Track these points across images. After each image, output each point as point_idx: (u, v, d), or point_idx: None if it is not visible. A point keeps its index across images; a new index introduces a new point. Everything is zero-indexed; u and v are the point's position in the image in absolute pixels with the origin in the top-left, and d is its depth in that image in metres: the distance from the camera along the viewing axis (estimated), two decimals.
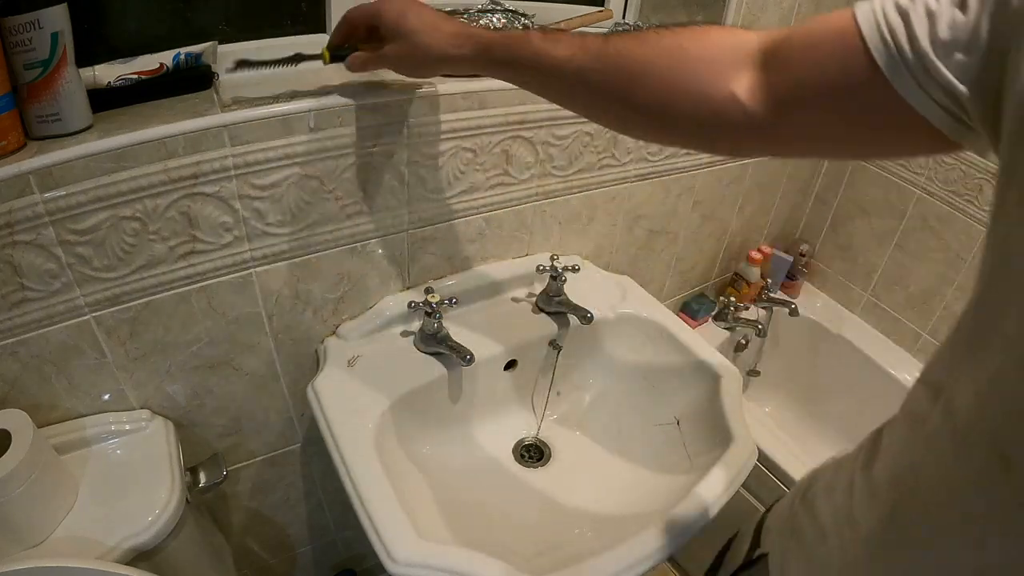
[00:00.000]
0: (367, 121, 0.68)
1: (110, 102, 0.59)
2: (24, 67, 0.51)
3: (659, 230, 1.14)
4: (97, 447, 0.67)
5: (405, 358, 0.79)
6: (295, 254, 0.72)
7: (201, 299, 0.68)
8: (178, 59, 0.62)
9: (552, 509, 0.79)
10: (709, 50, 0.41)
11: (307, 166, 0.66)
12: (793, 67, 0.38)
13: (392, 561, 0.56)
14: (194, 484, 0.73)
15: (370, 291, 0.82)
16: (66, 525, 0.60)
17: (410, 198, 0.76)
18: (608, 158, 0.94)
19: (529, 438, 0.88)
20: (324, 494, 1.01)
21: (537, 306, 0.91)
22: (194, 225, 0.63)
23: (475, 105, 0.74)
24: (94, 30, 0.59)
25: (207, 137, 0.59)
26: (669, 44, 0.42)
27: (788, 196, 1.39)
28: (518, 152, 0.82)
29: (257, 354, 0.77)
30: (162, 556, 0.64)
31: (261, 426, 0.84)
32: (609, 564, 0.59)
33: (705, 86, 0.40)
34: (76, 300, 0.60)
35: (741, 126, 0.40)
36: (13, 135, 0.53)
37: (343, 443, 0.66)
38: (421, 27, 0.55)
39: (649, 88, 0.43)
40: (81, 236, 0.57)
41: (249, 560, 1.00)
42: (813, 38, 0.37)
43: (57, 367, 0.63)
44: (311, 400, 0.73)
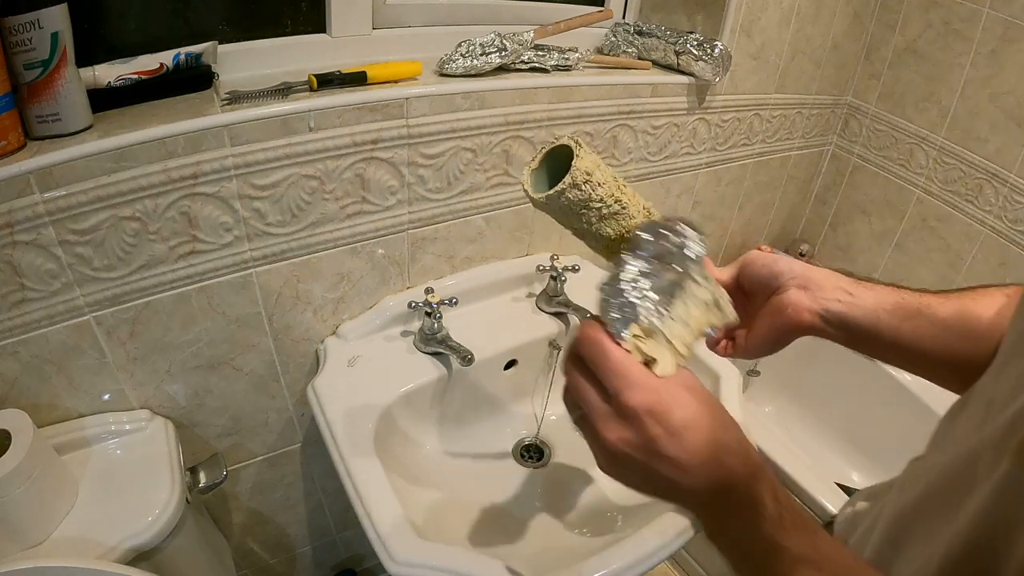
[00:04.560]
0: (367, 121, 0.68)
1: (110, 102, 0.59)
2: (24, 67, 0.51)
3: None
4: (97, 447, 0.67)
5: (405, 358, 0.79)
6: (295, 254, 0.72)
7: (201, 299, 0.68)
8: (178, 59, 0.62)
9: (552, 509, 0.78)
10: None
11: (307, 166, 0.66)
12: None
13: (392, 561, 0.56)
14: (194, 484, 0.73)
15: (370, 291, 0.82)
16: (66, 525, 0.60)
17: (410, 198, 0.76)
18: (608, 158, 0.94)
19: (529, 438, 0.88)
20: (324, 494, 1.01)
21: (537, 306, 0.91)
22: (194, 225, 0.63)
23: (475, 105, 0.74)
24: (94, 30, 0.59)
25: (207, 137, 0.59)
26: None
27: (788, 196, 1.39)
28: (518, 152, 0.82)
29: (257, 354, 0.77)
30: (162, 556, 0.64)
31: (261, 426, 0.84)
32: (609, 564, 0.59)
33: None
34: (76, 300, 0.60)
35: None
36: (13, 135, 0.53)
37: (343, 443, 0.66)
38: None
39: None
40: (81, 236, 0.57)
41: (249, 560, 1.00)
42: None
43: (57, 367, 0.63)
44: (311, 400, 0.73)
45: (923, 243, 1.27)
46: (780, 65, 1.11)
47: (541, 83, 0.79)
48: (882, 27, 1.23)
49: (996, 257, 1.15)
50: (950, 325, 0.46)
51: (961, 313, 0.47)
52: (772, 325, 0.50)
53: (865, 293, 0.48)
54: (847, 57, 1.25)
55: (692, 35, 0.92)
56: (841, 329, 0.48)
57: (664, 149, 1.01)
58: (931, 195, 1.23)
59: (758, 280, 0.51)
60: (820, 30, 1.13)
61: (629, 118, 0.92)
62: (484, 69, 0.76)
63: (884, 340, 0.47)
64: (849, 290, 0.48)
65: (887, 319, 0.47)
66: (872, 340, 0.48)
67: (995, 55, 1.07)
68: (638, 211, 0.48)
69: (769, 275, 0.50)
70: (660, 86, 0.93)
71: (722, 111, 1.06)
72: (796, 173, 1.36)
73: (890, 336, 0.47)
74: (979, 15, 1.07)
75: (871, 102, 1.29)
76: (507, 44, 0.76)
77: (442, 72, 0.75)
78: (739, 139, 1.14)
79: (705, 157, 1.10)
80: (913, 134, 1.23)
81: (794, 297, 0.48)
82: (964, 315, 0.47)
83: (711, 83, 0.96)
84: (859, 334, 0.48)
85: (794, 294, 0.48)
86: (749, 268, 0.51)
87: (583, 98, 0.84)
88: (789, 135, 1.26)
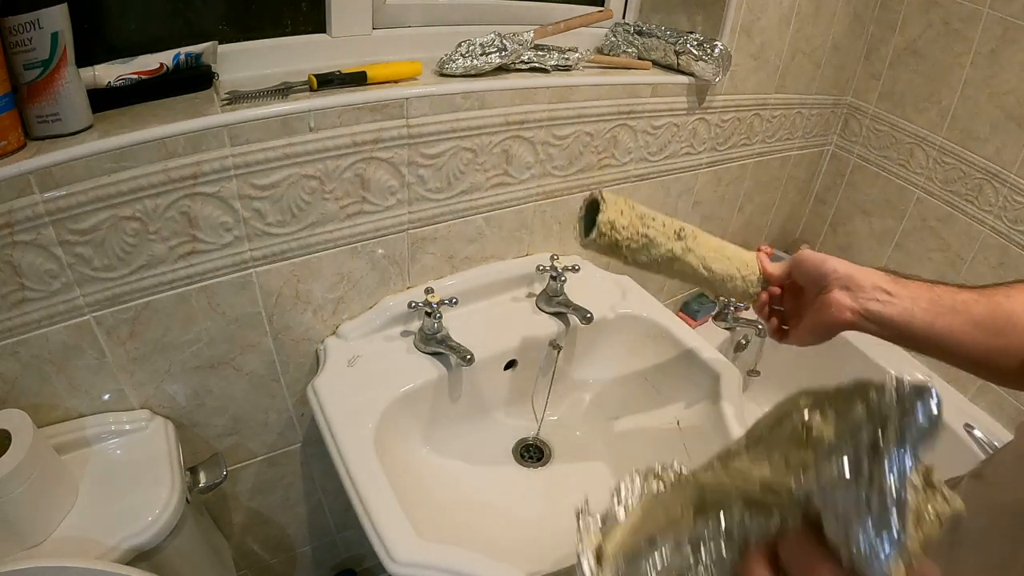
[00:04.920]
0: (367, 121, 0.68)
1: (110, 102, 0.59)
2: (24, 67, 0.51)
3: None
4: (97, 447, 0.67)
5: (405, 358, 0.79)
6: (295, 254, 0.72)
7: (201, 299, 0.68)
8: (178, 59, 0.62)
9: (552, 509, 0.78)
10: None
11: (307, 166, 0.66)
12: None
13: (392, 561, 0.56)
14: (194, 484, 0.73)
15: (370, 291, 0.82)
16: (66, 525, 0.60)
17: (410, 198, 0.76)
18: (608, 158, 0.94)
19: (529, 438, 0.88)
20: (324, 494, 1.01)
21: (537, 306, 0.91)
22: (194, 225, 0.63)
23: (475, 105, 0.74)
24: (94, 30, 0.59)
25: (207, 137, 0.59)
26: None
27: (788, 196, 1.39)
28: (518, 152, 0.82)
29: (257, 354, 0.77)
30: (162, 556, 0.64)
31: (261, 426, 0.84)
32: None
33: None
34: (76, 300, 0.60)
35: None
36: (13, 135, 0.53)
37: (343, 443, 0.66)
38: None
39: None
40: (81, 236, 0.57)
41: (249, 560, 1.00)
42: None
43: (57, 367, 0.63)
44: (311, 400, 0.73)
45: (923, 243, 1.27)
46: (780, 65, 1.11)
47: (541, 83, 0.79)
48: (882, 27, 1.23)
49: (996, 257, 1.15)
50: (982, 322, 0.49)
51: (994, 311, 0.50)
52: (819, 320, 0.55)
53: (902, 292, 0.52)
54: (847, 57, 1.25)
55: (692, 35, 0.92)
56: (878, 325, 0.52)
57: (664, 149, 1.01)
58: (931, 195, 1.23)
59: (808, 278, 0.57)
60: (820, 30, 1.13)
61: (629, 118, 0.92)
62: (484, 69, 0.76)
63: (917, 336, 0.51)
64: (888, 289, 0.52)
65: (921, 316, 0.51)
66: (906, 336, 0.52)
67: (995, 55, 1.07)
68: (667, 237, 0.59)
69: (818, 275, 0.56)
70: (660, 86, 0.93)
71: (722, 111, 1.06)
72: (796, 173, 1.36)
73: (923, 332, 0.51)
74: (979, 15, 1.07)
75: (871, 102, 1.29)
76: (507, 44, 0.76)
77: (442, 72, 0.75)
78: (739, 139, 1.14)
79: (705, 157, 1.10)
80: (913, 134, 1.23)
81: (837, 297, 0.53)
82: (997, 313, 0.49)
83: (711, 83, 0.96)
84: (894, 330, 0.52)
85: (838, 294, 0.54)
86: (801, 267, 0.58)
87: (583, 98, 0.84)
88: (789, 135, 1.26)
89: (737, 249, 0.65)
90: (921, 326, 0.51)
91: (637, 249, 0.61)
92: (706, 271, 0.63)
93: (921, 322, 0.51)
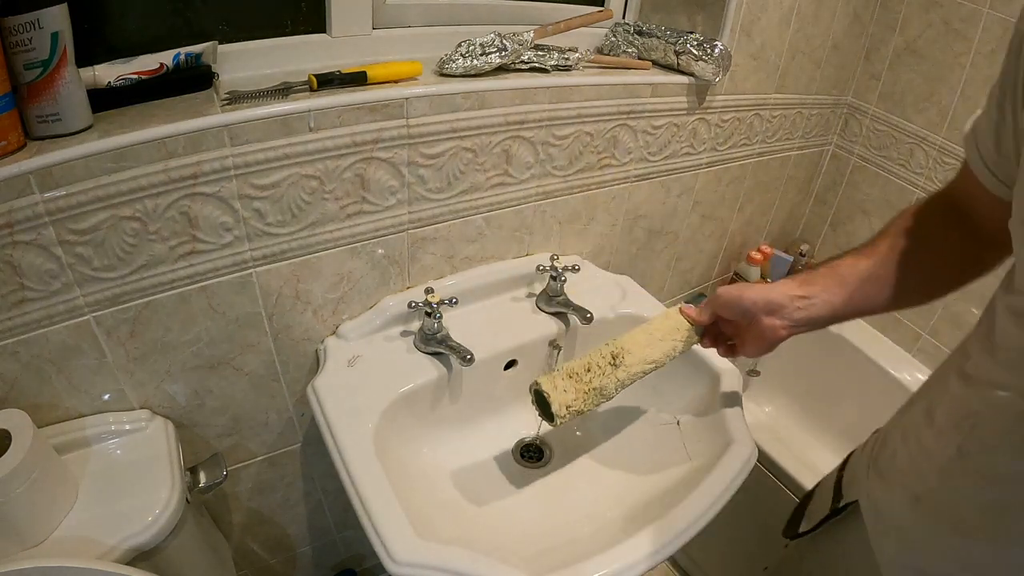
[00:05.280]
0: (367, 121, 0.68)
1: (110, 102, 0.59)
2: (24, 67, 0.51)
3: (659, 230, 1.14)
4: (97, 447, 0.67)
5: (405, 358, 0.79)
6: (295, 254, 0.72)
7: (201, 299, 0.68)
8: (178, 59, 0.62)
9: (552, 509, 0.78)
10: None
11: (307, 166, 0.66)
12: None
13: (392, 561, 0.56)
14: (194, 484, 0.73)
15: (370, 291, 0.82)
16: (66, 525, 0.60)
17: (410, 198, 0.76)
18: (608, 158, 0.94)
19: (529, 438, 0.88)
20: (324, 494, 1.01)
21: (537, 306, 0.91)
22: (194, 225, 0.63)
23: (475, 105, 0.74)
24: (94, 30, 0.59)
25: (207, 137, 0.59)
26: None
27: (788, 196, 1.39)
28: (518, 152, 0.82)
29: (257, 354, 0.77)
30: (162, 556, 0.64)
31: (261, 426, 0.84)
32: (609, 564, 0.59)
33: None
34: (76, 300, 0.60)
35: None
36: (13, 135, 0.53)
37: (343, 443, 0.66)
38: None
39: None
40: (81, 236, 0.57)
41: (249, 560, 1.00)
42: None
43: (57, 367, 0.63)
44: (311, 400, 0.73)
45: None
46: (780, 65, 1.11)
47: (541, 83, 0.79)
48: (882, 27, 1.23)
49: None
50: (883, 275, 0.58)
51: (887, 260, 0.58)
52: (760, 343, 0.63)
53: (815, 291, 0.60)
54: (847, 57, 1.25)
55: (692, 35, 0.92)
56: (809, 326, 0.61)
57: (664, 149, 1.01)
58: None
59: (734, 315, 0.64)
60: (820, 30, 1.13)
61: (629, 118, 0.92)
62: (484, 69, 0.76)
63: (841, 316, 0.60)
64: (803, 295, 0.60)
65: (840, 301, 0.59)
66: (837, 319, 0.61)
67: (995, 55, 1.07)
68: (609, 375, 0.66)
69: (740, 312, 0.63)
70: (660, 86, 0.93)
71: (722, 111, 1.06)
72: (796, 173, 1.36)
73: (848, 311, 0.60)
74: (979, 15, 1.07)
75: (871, 102, 1.30)
76: (507, 44, 0.76)
77: (442, 72, 0.75)
78: (739, 139, 1.14)
79: (705, 157, 1.10)
80: (913, 134, 1.23)
81: (767, 323, 0.61)
82: (891, 261, 0.57)
83: (711, 83, 0.96)
84: (824, 323, 0.61)
85: (766, 320, 0.61)
86: (725, 308, 0.65)
87: (583, 98, 0.84)
88: (789, 135, 1.26)
89: (661, 323, 0.70)
90: (844, 307, 0.59)
91: (598, 402, 0.67)
92: (652, 364, 0.68)
93: (842, 304, 0.59)
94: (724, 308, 0.65)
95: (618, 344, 0.68)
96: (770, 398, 1.52)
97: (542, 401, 0.67)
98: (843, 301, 0.59)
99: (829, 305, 0.59)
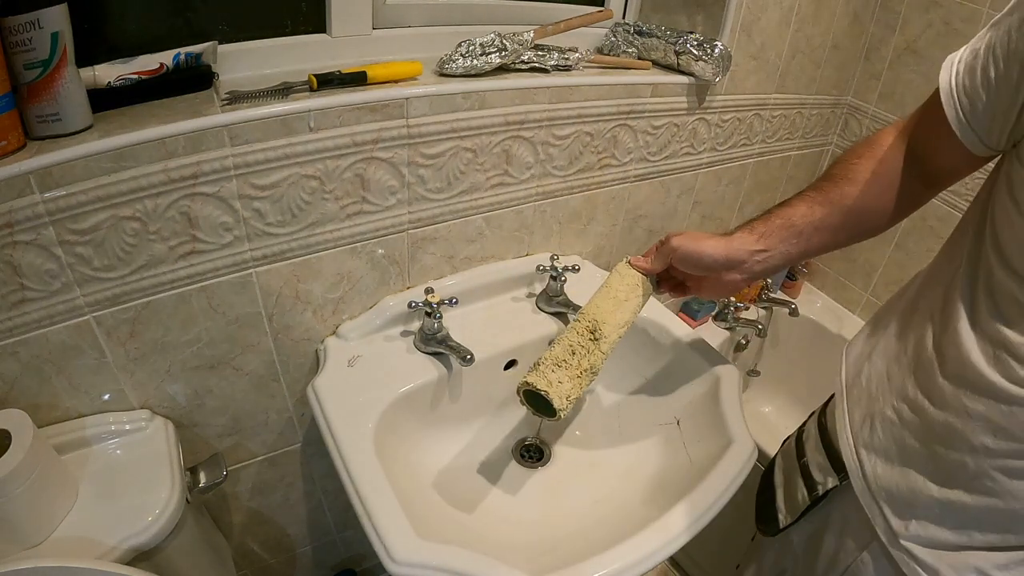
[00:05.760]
0: (367, 121, 0.68)
1: (110, 102, 0.59)
2: (24, 67, 0.51)
3: (659, 230, 1.14)
4: (97, 447, 0.67)
5: (405, 358, 0.79)
6: (295, 254, 0.72)
7: (201, 299, 0.68)
8: (178, 59, 0.62)
9: (552, 509, 0.78)
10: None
11: (307, 166, 0.66)
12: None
13: (392, 561, 0.56)
14: (194, 484, 0.73)
15: (370, 291, 0.82)
16: (66, 525, 0.60)
17: (410, 198, 0.76)
18: (608, 158, 0.94)
19: (529, 438, 0.88)
20: (324, 494, 1.01)
21: (537, 306, 0.91)
22: (194, 225, 0.63)
23: (475, 105, 0.74)
24: (94, 30, 0.59)
25: (207, 137, 0.59)
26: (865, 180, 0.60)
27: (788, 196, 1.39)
28: (518, 152, 0.82)
29: (257, 354, 0.77)
30: (162, 556, 0.64)
31: (261, 426, 0.84)
32: (609, 564, 0.59)
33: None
34: (76, 300, 0.60)
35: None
36: (13, 135, 0.53)
37: (343, 443, 0.66)
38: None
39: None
40: (81, 236, 0.57)
41: (249, 560, 1.00)
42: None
43: (57, 367, 0.63)
44: (311, 400, 0.73)
45: (923, 243, 1.27)
46: (780, 65, 1.11)
47: (541, 83, 0.79)
48: (882, 27, 1.23)
49: None
50: (839, 227, 0.61)
51: (845, 210, 0.60)
52: (717, 291, 0.67)
53: (772, 242, 0.62)
54: (847, 57, 1.25)
55: (692, 35, 0.92)
56: (766, 276, 0.67)
57: (664, 149, 1.01)
58: None
59: (693, 269, 0.66)
60: (820, 30, 1.13)
61: (629, 118, 0.92)
62: (484, 69, 0.76)
63: (796, 261, 0.64)
64: (761, 248, 0.62)
65: (796, 252, 0.62)
66: (793, 264, 0.67)
67: None
68: (592, 349, 0.67)
69: (702, 268, 0.64)
70: (660, 86, 0.93)
71: (722, 111, 1.06)
72: (796, 173, 1.36)
73: (801, 258, 0.64)
74: (979, 15, 1.07)
75: (871, 102, 1.29)
76: (507, 44, 0.76)
77: (442, 72, 0.75)
78: (739, 139, 1.14)
79: (705, 157, 1.10)
80: None
81: (728, 277, 0.64)
82: (849, 211, 0.60)
83: (711, 83, 0.96)
84: (780, 270, 0.67)
85: (727, 275, 0.64)
86: (683, 262, 0.65)
87: (583, 98, 0.84)
88: (789, 135, 1.26)
89: (619, 283, 0.71)
90: (796, 257, 0.63)
91: (590, 381, 0.67)
92: (625, 326, 0.69)
93: (799, 252, 0.62)
94: (683, 263, 0.66)
95: (589, 316, 0.68)
96: (770, 398, 1.52)
97: (534, 399, 0.66)
98: (799, 251, 0.62)
99: (785, 256, 0.63)
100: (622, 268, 0.71)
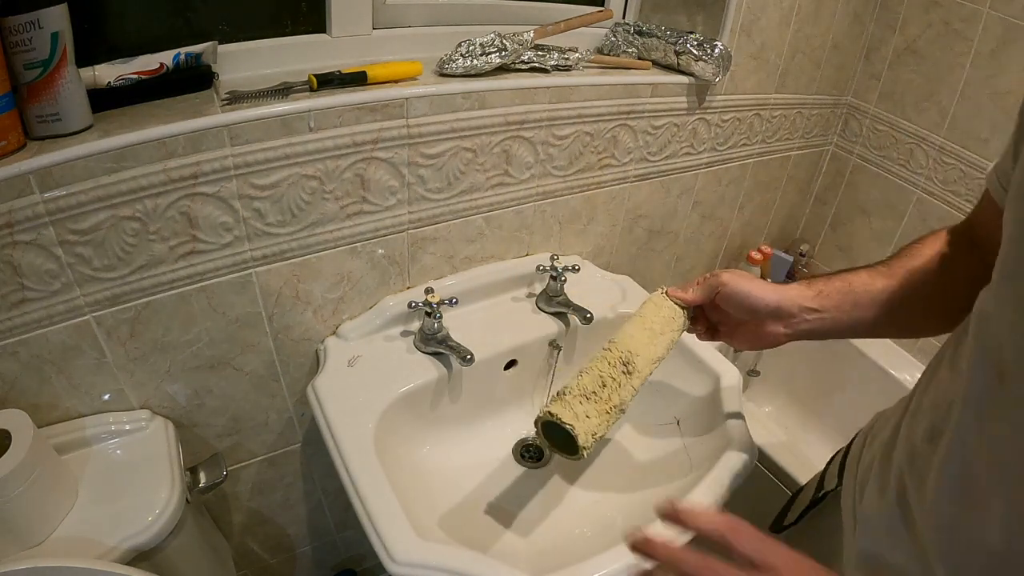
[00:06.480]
0: (367, 121, 0.68)
1: (110, 102, 0.59)
2: (24, 67, 0.51)
3: (659, 230, 1.14)
4: (97, 447, 0.67)
5: (405, 358, 0.79)
6: (295, 254, 0.72)
7: (201, 299, 0.68)
8: (178, 59, 0.62)
9: (552, 509, 0.78)
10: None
11: (307, 166, 0.66)
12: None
13: (392, 561, 0.56)
14: (194, 484, 0.73)
15: (370, 291, 0.82)
16: (66, 525, 0.60)
17: (410, 198, 0.76)
18: (608, 158, 0.94)
19: (529, 438, 0.88)
20: (324, 494, 1.01)
21: (537, 306, 0.91)
22: (194, 225, 0.63)
23: (475, 105, 0.74)
24: (94, 30, 0.59)
25: (207, 137, 0.59)
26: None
27: (788, 196, 1.39)
28: (518, 152, 0.82)
29: (257, 354, 0.77)
30: (162, 556, 0.64)
31: (261, 426, 0.84)
32: (609, 564, 0.59)
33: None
34: (76, 300, 0.60)
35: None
36: (13, 135, 0.53)
37: (343, 443, 0.66)
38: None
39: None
40: (81, 236, 0.57)
41: (249, 560, 1.00)
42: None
43: (57, 367, 0.63)
44: (311, 400, 0.73)
45: None
46: (780, 65, 1.11)
47: (541, 83, 0.79)
48: (882, 27, 1.23)
49: None
50: (898, 303, 0.56)
51: (907, 284, 0.56)
52: (756, 341, 0.62)
53: (827, 305, 0.57)
54: (847, 57, 1.25)
55: (692, 35, 0.92)
56: (810, 337, 0.59)
57: (664, 149, 1.01)
58: (931, 195, 1.23)
59: (737, 309, 0.61)
60: (820, 30, 1.13)
61: (629, 118, 0.92)
62: (484, 69, 0.76)
63: (849, 334, 0.59)
64: (814, 307, 0.58)
65: (847, 321, 0.57)
66: (839, 335, 0.59)
67: (995, 55, 1.07)
68: (624, 384, 0.61)
69: (747, 308, 0.60)
70: (660, 86, 0.93)
71: (722, 111, 1.06)
72: (796, 173, 1.36)
73: (849, 332, 0.58)
74: (979, 15, 1.07)
75: (871, 102, 1.29)
76: (507, 44, 0.76)
77: (442, 72, 0.75)
78: (739, 139, 1.14)
79: (705, 157, 1.10)
80: (913, 134, 1.23)
81: (771, 327, 0.59)
82: (911, 285, 0.56)
83: (711, 83, 0.96)
84: (825, 337, 0.59)
85: (771, 325, 0.59)
86: (728, 300, 0.61)
87: (583, 98, 0.84)
88: (789, 135, 1.26)
89: (654, 314, 0.65)
90: (846, 330, 0.58)
91: (617, 419, 0.61)
92: (658, 361, 0.64)
93: (849, 321, 0.57)
94: (727, 301, 0.61)
95: (622, 347, 0.63)
96: (770, 398, 1.52)
97: (554, 431, 0.60)
98: (850, 322, 0.57)
99: (835, 323, 0.58)
100: (657, 299, 0.66)
